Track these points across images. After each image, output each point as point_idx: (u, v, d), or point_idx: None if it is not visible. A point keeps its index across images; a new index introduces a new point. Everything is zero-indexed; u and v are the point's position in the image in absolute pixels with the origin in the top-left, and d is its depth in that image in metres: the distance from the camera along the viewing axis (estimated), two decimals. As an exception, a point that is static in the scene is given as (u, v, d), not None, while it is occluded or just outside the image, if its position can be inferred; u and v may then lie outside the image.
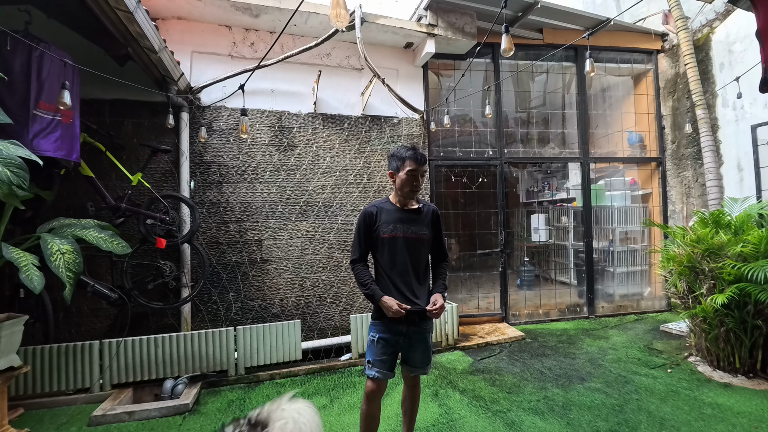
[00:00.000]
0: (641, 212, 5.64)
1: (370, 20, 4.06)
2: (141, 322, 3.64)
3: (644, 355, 3.84)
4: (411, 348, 2.10)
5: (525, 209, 7.36)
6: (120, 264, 3.41)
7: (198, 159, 3.91)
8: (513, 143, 6.00)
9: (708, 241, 3.31)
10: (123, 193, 3.42)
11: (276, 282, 4.07)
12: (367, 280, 2.06)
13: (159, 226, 3.44)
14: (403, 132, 4.66)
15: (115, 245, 2.71)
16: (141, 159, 3.66)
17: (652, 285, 5.60)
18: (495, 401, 3.00)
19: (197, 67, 3.97)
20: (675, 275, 3.64)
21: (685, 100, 5.13)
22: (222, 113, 4.00)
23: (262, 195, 4.09)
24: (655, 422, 2.64)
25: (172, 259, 3.68)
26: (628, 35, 5.38)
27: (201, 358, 3.35)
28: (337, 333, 4.18)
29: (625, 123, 5.80)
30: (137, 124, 3.74)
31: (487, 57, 5.09)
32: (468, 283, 5.73)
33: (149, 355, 3.24)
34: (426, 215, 2.14)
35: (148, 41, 2.85)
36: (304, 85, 4.30)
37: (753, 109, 4.29)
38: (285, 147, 4.19)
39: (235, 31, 4.13)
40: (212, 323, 3.83)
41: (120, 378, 3.18)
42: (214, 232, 3.92)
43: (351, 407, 2.94)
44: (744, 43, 4.41)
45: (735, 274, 3.07)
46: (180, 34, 3.93)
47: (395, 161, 2.09)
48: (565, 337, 4.45)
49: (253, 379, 3.45)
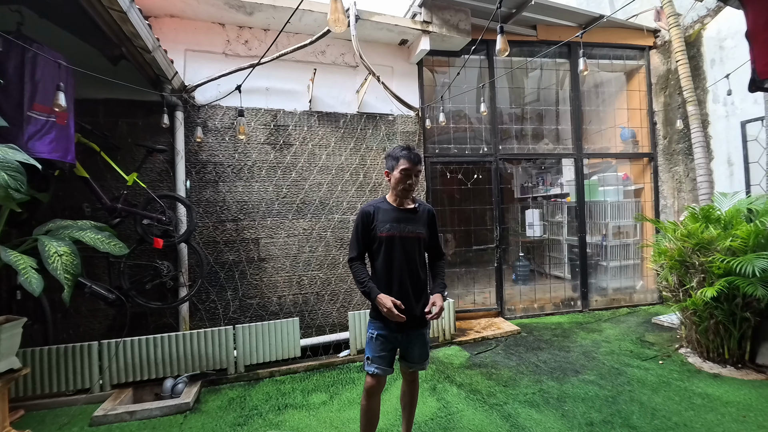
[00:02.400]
0: (633, 207, 5.72)
1: (365, 18, 4.05)
2: (140, 322, 3.65)
3: (636, 347, 3.92)
4: (409, 344, 2.14)
5: (520, 205, 7.44)
6: (117, 264, 3.41)
7: (194, 158, 3.91)
8: (508, 139, 6.04)
9: (698, 236, 3.38)
10: (119, 194, 3.41)
11: (274, 280, 4.09)
12: (364, 277, 2.09)
13: (156, 226, 3.44)
14: (398, 129, 4.68)
15: (112, 246, 2.71)
16: (136, 159, 3.64)
17: (644, 278, 5.70)
18: (492, 394, 3.06)
19: (191, 65, 3.95)
20: (666, 269, 3.72)
21: (676, 96, 5.19)
22: (217, 112, 3.99)
23: (258, 193, 4.09)
24: (647, 412, 2.72)
25: (170, 258, 3.68)
26: (620, 31, 5.42)
27: (200, 357, 3.37)
28: (335, 330, 4.22)
29: (618, 119, 5.86)
30: (132, 124, 3.72)
31: (481, 54, 5.10)
32: (464, 279, 5.79)
33: (148, 355, 3.26)
34: (422, 215, 2.18)
35: (141, 40, 2.84)
36: (299, 83, 4.29)
37: (743, 105, 4.35)
38: (281, 145, 4.19)
39: (228, 29, 4.11)
40: (211, 322, 3.85)
41: (120, 378, 3.20)
42: (211, 232, 3.92)
43: (351, 403, 2.99)
44: (735, 39, 4.46)
45: (724, 267, 3.14)
46: (173, 32, 3.90)
47: (390, 160, 2.12)
48: (560, 331, 4.53)
49: (253, 377, 3.48)
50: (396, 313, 1.94)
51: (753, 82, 1.88)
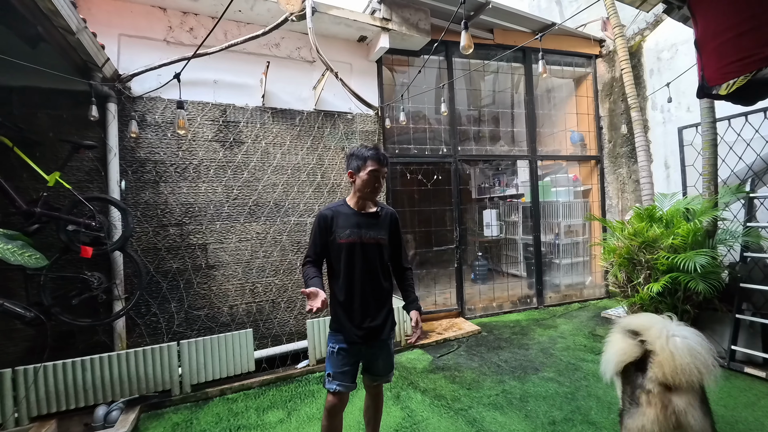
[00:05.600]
0: (583, 207, 6.01)
1: (323, 10, 3.87)
2: (66, 342, 3.20)
3: (589, 341, 4.08)
4: (373, 356, 2.01)
5: (477, 205, 7.58)
6: (37, 278, 2.96)
7: (129, 156, 3.51)
8: (466, 141, 6.11)
9: (644, 234, 3.57)
10: (38, 196, 2.96)
11: (224, 289, 3.79)
12: (312, 275, 1.87)
13: (83, 232, 3.03)
14: (357, 128, 4.53)
15: (26, 257, 2.33)
16: (60, 156, 3.19)
17: (592, 274, 6.00)
18: (456, 399, 3.01)
19: (126, 52, 3.55)
20: (616, 266, 3.90)
21: (620, 103, 5.51)
22: (157, 105, 3.62)
23: (205, 195, 3.77)
24: (604, 407, 2.79)
25: (102, 269, 3.27)
26: (570, 39, 5.66)
27: (139, 379, 3.01)
28: (292, 339, 3.99)
29: (568, 123, 6.13)
30: (54, 116, 3.26)
31: (440, 54, 5.10)
32: (425, 280, 5.78)
33: (76, 380, 2.85)
34: (384, 219, 2.05)
35: (62, 19, 2.46)
36: (251, 76, 4.01)
37: (678, 112, 4.70)
38: (231, 143, 3.89)
39: (171, 14, 3.75)
40: (152, 338, 3.48)
41: (41, 409, 2.76)
42: (151, 238, 3.54)
43: (310, 419, 2.80)
44: (671, 52, 4.81)
45: (668, 264, 3.33)
46: (105, 14, 3.48)
47: (356, 161, 1.96)
48: (518, 329, 4.62)
49: (201, 397, 3.18)
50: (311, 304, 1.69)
51: (701, 89, 1.95)
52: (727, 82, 1.80)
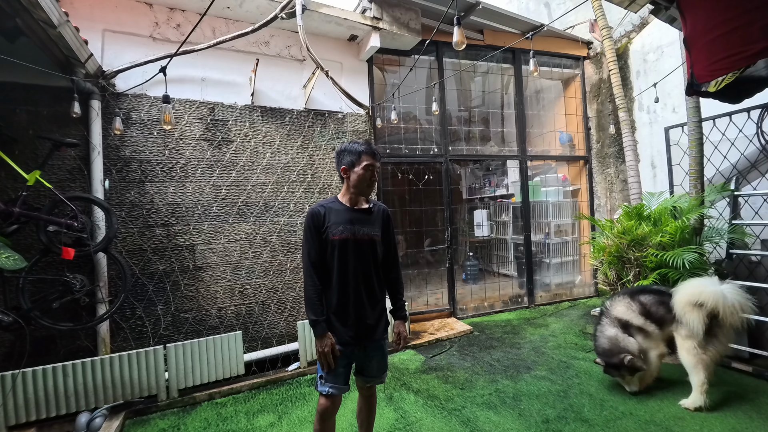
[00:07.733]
0: (572, 206, 6.07)
1: (313, 8, 3.83)
2: (47, 348, 3.08)
3: (580, 339, 4.11)
4: (366, 358, 1.97)
5: (468, 205, 7.60)
6: (15, 280, 2.84)
7: (114, 154, 3.41)
8: (457, 141, 6.13)
9: (633, 233, 3.61)
10: (16, 195, 2.85)
11: (212, 291, 3.70)
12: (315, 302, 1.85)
13: (65, 233, 2.92)
14: (348, 128, 4.50)
15: (4, 259, 2.24)
16: (40, 154, 3.08)
17: (582, 273, 6.06)
18: (449, 399, 2.99)
19: (111, 48, 3.45)
20: (606, 264, 3.94)
21: (607, 104, 5.59)
22: (143, 102, 3.53)
23: (193, 195, 3.68)
24: (596, 404, 2.80)
25: (84, 271, 3.16)
26: (559, 41, 5.73)
27: (124, 384, 2.91)
28: (283, 341, 3.92)
29: (557, 123, 6.19)
30: (34, 113, 3.15)
31: (431, 54, 5.10)
32: (416, 280, 5.76)
33: (57, 387, 2.74)
34: (377, 215, 2.01)
35: (42, 12, 2.38)
36: (240, 74, 3.95)
37: (664, 113, 4.79)
38: (219, 142, 3.82)
39: (157, 10, 3.66)
40: (137, 342, 3.37)
41: (19, 417, 2.65)
42: (136, 238, 3.44)
43: (302, 422, 2.75)
44: (656, 54, 4.89)
45: (657, 261, 3.38)
46: (89, 9, 3.38)
47: (349, 156, 1.92)
48: (510, 328, 4.63)
49: (189, 402, 3.09)
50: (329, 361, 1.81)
51: (690, 86, 1.97)
52: (716, 79, 1.82)
